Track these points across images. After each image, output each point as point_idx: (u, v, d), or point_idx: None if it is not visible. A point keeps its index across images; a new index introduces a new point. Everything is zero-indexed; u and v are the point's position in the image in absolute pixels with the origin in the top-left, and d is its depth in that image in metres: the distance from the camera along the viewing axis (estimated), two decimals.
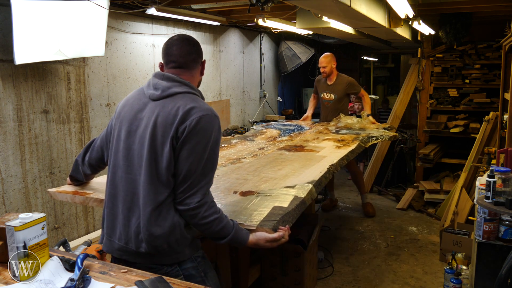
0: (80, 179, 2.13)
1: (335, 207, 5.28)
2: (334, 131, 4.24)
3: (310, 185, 2.30)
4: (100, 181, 2.26)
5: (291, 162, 2.97)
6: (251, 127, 4.77)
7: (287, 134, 4.21)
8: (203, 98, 1.76)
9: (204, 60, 1.82)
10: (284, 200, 2.09)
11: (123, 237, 1.68)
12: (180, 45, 1.72)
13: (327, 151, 3.29)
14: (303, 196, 2.16)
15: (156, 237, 1.61)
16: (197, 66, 1.78)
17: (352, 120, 4.46)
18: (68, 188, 2.19)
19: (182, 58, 1.72)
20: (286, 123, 5.04)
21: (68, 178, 2.19)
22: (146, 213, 1.61)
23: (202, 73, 1.82)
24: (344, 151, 3.23)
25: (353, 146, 3.42)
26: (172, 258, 1.66)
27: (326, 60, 4.78)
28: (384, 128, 4.33)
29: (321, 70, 4.85)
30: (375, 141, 3.86)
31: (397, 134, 4.28)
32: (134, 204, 1.66)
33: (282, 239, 1.72)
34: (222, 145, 3.66)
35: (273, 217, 1.86)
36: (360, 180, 5.01)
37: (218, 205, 1.71)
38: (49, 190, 2.23)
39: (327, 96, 4.92)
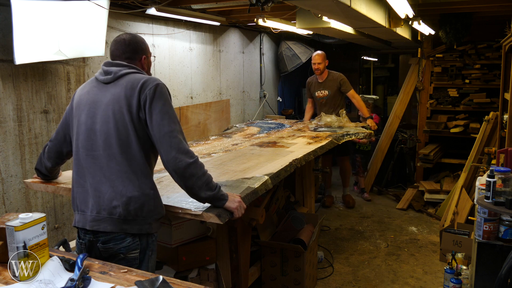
0: (43, 171, 2.26)
1: (334, 203, 5.43)
2: (312, 129, 4.27)
3: (266, 177, 2.40)
4: (70, 175, 2.34)
5: (258, 156, 3.03)
6: (234, 125, 4.78)
7: (266, 131, 4.22)
8: None
9: (144, 57, 1.97)
10: (237, 190, 2.17)
11: (95, 208, 1.81)
12: (115, 46, 1.94)
13: (297, 147, 3.33)
14: (255, 186, 2.25)
15: (132, 200, 1.76)
16: (135, 63, 1.95)
17: (331, 119, 4.53)
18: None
19: (118, 57, 1.93)
20: (270, 121, 5.05)
21: (35, 175, 2.36)
22: (123, 180, 1.77)
23: (144, 68, 1.98)
24: (313, 147, 3.28)
25: (323, 143, 3.48)
26: (141, 228, 1.81)
27: (320, 57, 4.92)
28: (363, 127, 4.38)
29: (315, 66, 4.95)
30: (349, 138, 3.95)
31: (372, 132, 4.39)
32: (102, 175, 1.80)
33: None
34: (199, 142, 3.68)
35: None
36: (347, 176, 5.42)
37: (175, 194, 2.06)
38: (25, 180, 2.43)
39: (321, 93, 5.02)
